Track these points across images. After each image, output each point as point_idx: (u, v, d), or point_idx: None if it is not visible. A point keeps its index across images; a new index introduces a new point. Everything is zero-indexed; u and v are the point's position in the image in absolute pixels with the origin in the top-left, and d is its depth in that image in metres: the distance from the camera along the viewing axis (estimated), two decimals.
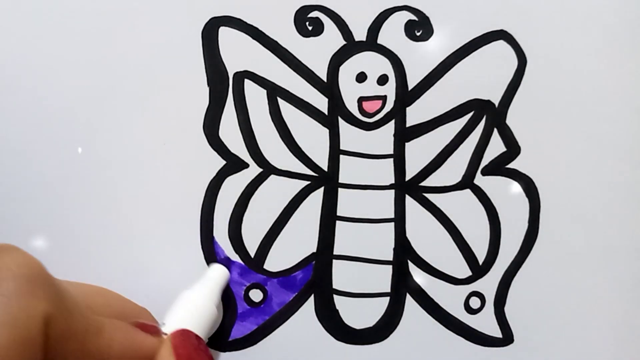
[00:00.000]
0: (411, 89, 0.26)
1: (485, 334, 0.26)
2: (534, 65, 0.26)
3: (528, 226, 0.26)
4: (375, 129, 0.26)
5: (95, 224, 0.25)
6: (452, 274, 0.26)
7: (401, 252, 0.26)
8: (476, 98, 0.26)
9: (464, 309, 0.26)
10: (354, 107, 0.26)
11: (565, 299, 0.27)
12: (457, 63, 0.26)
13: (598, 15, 0.27)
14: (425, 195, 0.26)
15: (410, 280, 0.26)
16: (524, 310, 0.26)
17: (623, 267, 0.27)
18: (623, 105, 0.27)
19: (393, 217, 0.26)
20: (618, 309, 0.27)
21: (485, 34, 0.26)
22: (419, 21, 0.26)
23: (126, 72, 0.25)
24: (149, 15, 0.25)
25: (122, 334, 0.18)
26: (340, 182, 0.26)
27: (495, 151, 0.26)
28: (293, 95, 0.25)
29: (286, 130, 0.26)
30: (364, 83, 0.26)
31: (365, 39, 0.26)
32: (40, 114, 0.24)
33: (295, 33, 0.25)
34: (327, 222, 0.26)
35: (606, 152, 0.27)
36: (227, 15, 0.25)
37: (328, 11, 0.25)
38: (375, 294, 0.26)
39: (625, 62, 0.27)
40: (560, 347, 0.27)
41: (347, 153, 0.26)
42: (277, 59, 0.25)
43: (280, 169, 0.25)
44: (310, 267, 0.26)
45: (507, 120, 0.26)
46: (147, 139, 0.25)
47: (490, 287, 0.26)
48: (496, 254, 0.26)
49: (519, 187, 0.26)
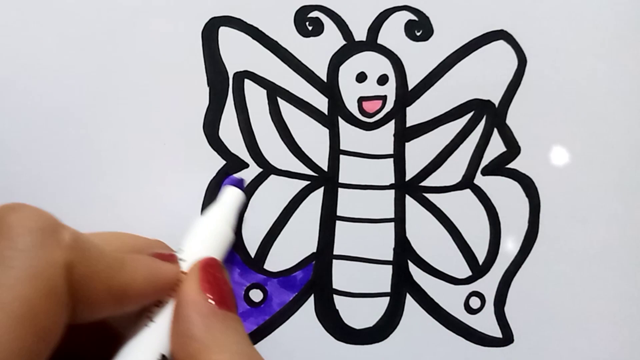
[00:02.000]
0: (411, 89, 0.26)
1: (485, 333, 0.26)
2: (534, 65, 0.26)
3: (528, 226, 0.26)
4: (375, 129, 0.26)
5: (95, 224, 0.25)
6: (452, 274, 0.26)
7: (401, 252, 0.26)
8: (476, 98, 0.26)
9: (464, 309, 0.26)
10: (354, 107, 0.26)
11: (565, 299, 0.27)
12: (457, 63, 0.26)
13: (598, 15, 0.27)
14: (425, 195, 0.26)
15: (410, 280, 0.26)
16: (524, 310, 0.26)
17: (623, 267, 0.27)
18: (623, 105, 0.27)
19: (393, 217, 0.26)
20: (618, 309, 0.27)
21: (486, 34, 0.26)
22: (419, 21, 0.26)
23: (126, 72, 0.25)
24: (149, 15, 0.25)
25: (143, 266, 0.18)
26: (340, 182, 0.26)
27: (496, 151, 0.26)
28: (293, 95, 0.25)
29: (286, 130, 0.26)
30: (364, 83, 0.26)
31: (366, 39, 0.26)
32: (39, 114, 0.24)
33: (295, 33, 0.25)
34: (327, 222, 0.26)
35: (606, 152, 0.27)
36: (227, 16, 0.25)
37: (328, 11, 0.25)
38: (375, 294, 0.26)
39: (626, 62, 0.27)
40: (560, 347, 0.27)
41: (347, 153, 0.26)
42: (277, 59, 0.25)
43: (280, 169, 0.25)
44: (311, 267, 0.26)
45: (507, 120, 0.26)
46: (147, 139, 0.25)
47: (490, 287, 0.26)
48: (496, 254, 0.26)
49: (519, 187, 0.26)
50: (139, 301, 0.18)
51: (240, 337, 0.18)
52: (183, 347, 0.17)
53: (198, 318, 0.18)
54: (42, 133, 0.24)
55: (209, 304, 0.18)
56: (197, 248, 0.20)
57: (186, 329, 0.17)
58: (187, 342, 0.17)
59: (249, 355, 0.18)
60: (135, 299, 0.18)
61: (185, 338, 0.17)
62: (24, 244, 0.15)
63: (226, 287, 0.19)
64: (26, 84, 0.24)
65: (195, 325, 0.17)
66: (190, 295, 0.18)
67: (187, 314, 0.18)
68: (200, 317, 0.18)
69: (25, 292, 0.14)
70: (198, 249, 0.20)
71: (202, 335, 0.17)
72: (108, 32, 0.25)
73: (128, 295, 0.17)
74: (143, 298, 0.18)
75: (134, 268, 0.17)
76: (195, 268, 0.19)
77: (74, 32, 0.25)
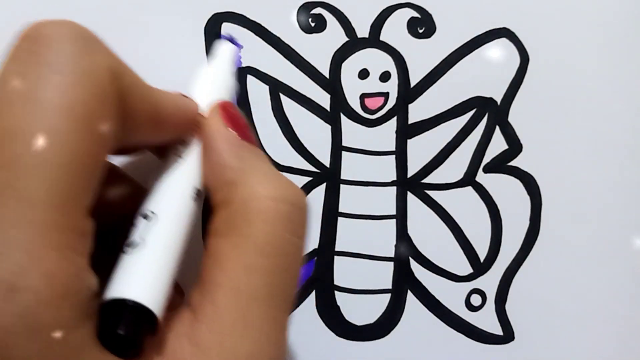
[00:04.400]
0: (413, 86, 0.26)
1: (486, 331, 0.26)
2: (536, 63, 0.26)
3: (529, 224, 0.26)
4: (377, 125, 0.26)
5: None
6: (453, 271, 0.26)
7: (402, 249, 0.26)
8: (478, 95, 0.26)
9: (465, 306, 0.26)
10: (356, 103, 0.26)
11: (566, 297, 0.27)
12: (460, 60, 0.26)
13: (600, 13, 0.27)
14: (427, 192, 0.26)
15: (411, 277, 0.26)
16: (525, 308, 0.26)
17: (624, 265, 0.27)
18: (625, 103, 0.27)
19: (395, 214, 0.26)
20: (619, 307, 0.27)
21: (488, 31, 0.26)
22: (421, 18, 0.26)
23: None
24: (152, 11, 0.25)
25: (170, 94, 0.18)
26: (342, 178, 0.26)
27: (497, 149, 0.26)
28: (295, 92, 0.26)
29: (288, 127, 0.26)
30: (367, 80, 0.26)
31: (368, 36, 0.26)
32: None
33: (298, 29, 0.25)
34: (329, 219, 0.26)
35: (608, 150, 0.27)
36: (230, 11, 0.25)
37: (331, 8, 0.25)
38: (376, 291, 0.26)
39: (628, 60, 0.27)
40: (561, 344, 0.27)
41: (349, 149, 0.26)
42: (279, 55, 0.25)
43: (283, 165, 0.25)
44: (312, 263, 0.26)
45: (509, 118, 0.26)
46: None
47: (492, 285, 0.27)
48: (497, 251, 0.26)
49: (520, 185, 0.26)
50: (169, 129, 0.18)
51: (270, 165, 0.18)
52: (218, 176, 0.18)
53: (230, 147, 0.18)
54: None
55: (236, 136, 0.18)
56: (208, 93, 0.20)
57: (220, 159, 0.18)
58: (222, 170, 0.18)
59: (280, 178, 0.18)
60: (166, 126, 0.18)
61: (220, 167, 0.18)
62: (70, 50, 0.14)
63: (246, 124, 0.19)
64: None
65: (228, 154, 0.18)
66: (219, 128, 0.18)
67: (219, 144, 0.18)
68: (232, 146, 0.18)
69: (77, 94, 0.14)
70: (209, 95, 0.20)
71: (236, 163, 0.18)
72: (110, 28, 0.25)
73: (161, 118, 0.17)
74: (173, 126, 0.18)
75: (164, 93, 0.18)
76: (216, 107, 0.19)
77: None
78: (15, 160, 0.13)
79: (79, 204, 0.14)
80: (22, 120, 0.13)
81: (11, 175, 0.13)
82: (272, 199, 0.17)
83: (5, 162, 0.13)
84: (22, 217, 0.13)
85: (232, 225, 0.17)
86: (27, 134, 0.13)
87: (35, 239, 0.13)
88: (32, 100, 0.14)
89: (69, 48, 0.14)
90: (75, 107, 0.14)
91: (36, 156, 0.13)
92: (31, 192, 0.13)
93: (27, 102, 0.14)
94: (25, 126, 0.13)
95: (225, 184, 0.17)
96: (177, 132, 0.19)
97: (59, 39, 0.14)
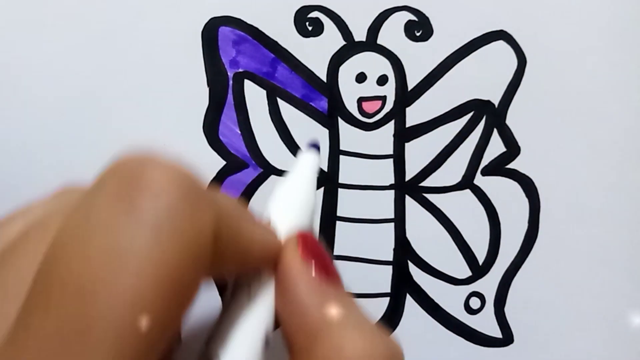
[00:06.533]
0: (411, 89, 0.26)
1: (485, 334, 0.26)
2: (534, 65, 0.26)
3: (528, 226, 0.26)
4: (375, 129, 0.26)
5: None
6: (452, 274, 0.26)
7: (401, 252, 0.26)
8: (476, 98, 0.26)
9: (464, 309, 0.26)
10: (353, 107, 0.26)
11: (565, 299, 0.27)
12: (457, 63, 0.26)
13: (598, 15, 0.27)
14: (425, 195, 0.26)
15: (410, 281, 0.26)
16: (524, 311, 0.26)
17: (623, 267, 0.27)
18: (623, 105, 0.27)
19: (393, 218, 0.26)
20: (618, 309, 0.27)
21: (485, 34, 0.26)
22: (418, 21, 0.26)
23: (126, 72, 0.25)
24: (149, 15, 0.25)
25: (258, 230, 0.16)
26: (340, 182, 0.26)
27: (495, 151, 0.26)
28: (293, 96, 0.25)
29: (286, 131, 0.25)
30: (364, 83, 0.26)
31: (365, 39, 0.26)
32: (39, 114, 0.24)
33: (295, 33, 0.25)
34: (327, 223, 0.26)
35: (606, 152, 0.27)
36: (227, 16, 0.25)
37: (328, 11, 0.25)
38: (375, 294, 0.26)
39: (625, 62, 0.27)
40: (560, 347, 0.27)
41: (347, 153, 0.26)
42: (277, 59, 0.25)
43: (280, 169, 0.25)
44: None
45: (506, 121, 0.26)
46: (147, 140, 0.25)
47: (490, 288, 0.26)
48: (496, 254, 0.26)
49: (518, 188, 0.26)
50: (249, 268, 0.16)
51: (359, 311, 0.16)
52: (297, 325, 0.15)
53: (311, 291, 0.15)
54: (42, 133, 0.24)
55: (319, 276, 0.16)
56: (286, 217, 0.18)
57: (300, 305, 0.15)
58: (301, 319, 0.15)
59: (371, 330, 0.15)
60: (248, 266, 0.16)
61: (299, 314, 0.15)
62: (171, 206, 0.12)
63: (330, 259, 0.17)
64: (26, 84, 0.24)
65: (310, 299, 0.15)
66: (298, 267, 0.16)
67: (298, 286, 0.16)
68: (313, 289, 0.16)
69: (171, 261, 0.12)
70: (288, 219, 0.18)
71: (318, 310, 0.15)
72: (108, 32, 0.25)
73: (246, 261, 0.15)
74: (254, 265, 0.16)
75: (252, 232, 0.15)
76: (294, 239, 0.17)
77: (74, 32, 0.24)
78: (89, 325, 0.11)
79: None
80: (102, 282, 0.12)
81: (83, 340, 0.11)
82: (360, 358, 0.14)
83: (79, 323, 0.11)
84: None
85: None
86: (108, 300, 0.11)
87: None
88: (117, 259, 0.12)
89: (171, 203, 0.12)
90: (167, 274, 0.12)
91: (112, 321, 0.11)
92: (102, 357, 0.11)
93: (112, 260, 0.12)
94: (105, 292, 0.12)
95: (304, 334, 0.15)
96: (254, 268, 0.16)
97: (160, 190, 0.12)
